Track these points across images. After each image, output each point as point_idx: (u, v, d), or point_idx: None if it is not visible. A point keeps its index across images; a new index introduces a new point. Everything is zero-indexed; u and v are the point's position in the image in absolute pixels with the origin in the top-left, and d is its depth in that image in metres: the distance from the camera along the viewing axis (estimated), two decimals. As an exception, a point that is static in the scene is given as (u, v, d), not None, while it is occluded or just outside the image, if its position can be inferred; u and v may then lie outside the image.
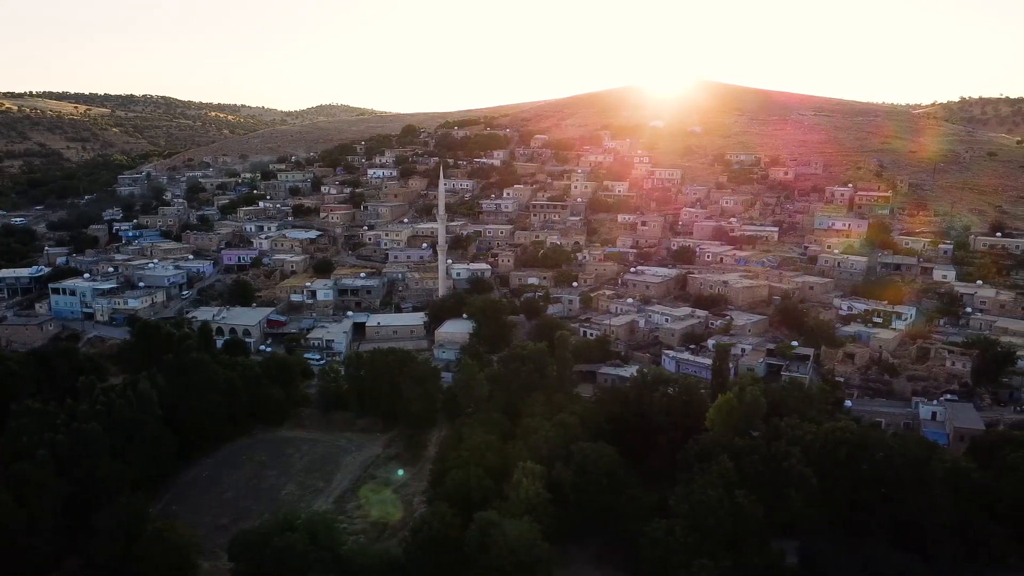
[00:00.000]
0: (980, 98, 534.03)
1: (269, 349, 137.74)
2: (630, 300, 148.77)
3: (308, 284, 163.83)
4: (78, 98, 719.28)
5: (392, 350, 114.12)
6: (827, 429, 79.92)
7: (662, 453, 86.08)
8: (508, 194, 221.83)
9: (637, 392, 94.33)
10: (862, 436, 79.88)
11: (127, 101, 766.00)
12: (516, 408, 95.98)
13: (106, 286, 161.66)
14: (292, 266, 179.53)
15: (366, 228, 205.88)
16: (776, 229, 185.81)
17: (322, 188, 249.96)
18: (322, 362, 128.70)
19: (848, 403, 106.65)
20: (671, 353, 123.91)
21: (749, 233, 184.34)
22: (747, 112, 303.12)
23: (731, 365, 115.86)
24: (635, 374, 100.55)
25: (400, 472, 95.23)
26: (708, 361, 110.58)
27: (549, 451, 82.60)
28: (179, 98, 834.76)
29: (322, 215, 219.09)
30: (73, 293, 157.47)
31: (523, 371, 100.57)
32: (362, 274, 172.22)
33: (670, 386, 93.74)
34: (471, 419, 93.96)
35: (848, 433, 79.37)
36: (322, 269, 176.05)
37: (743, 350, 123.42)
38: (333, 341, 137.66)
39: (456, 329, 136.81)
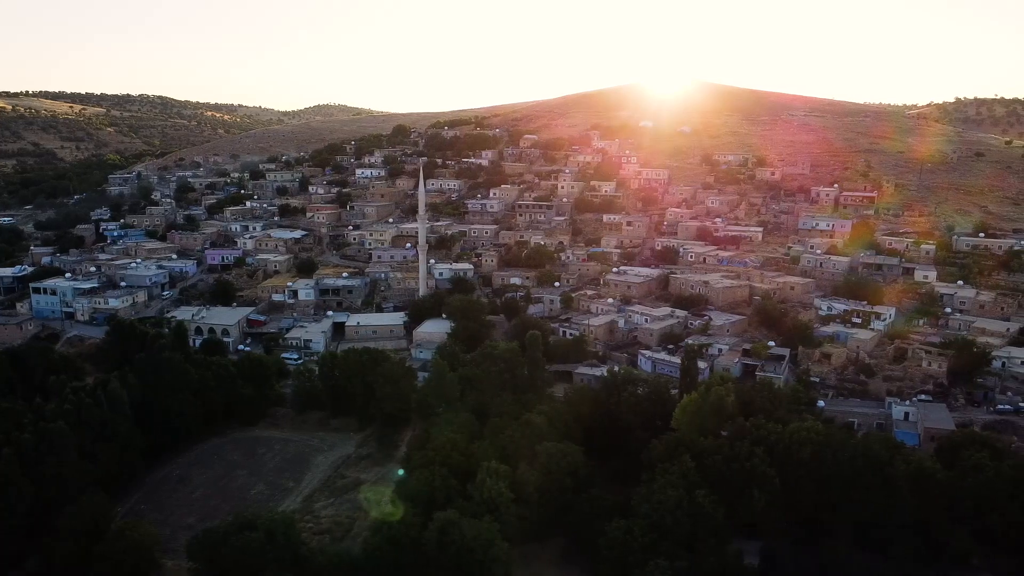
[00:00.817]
0: (975, 99, 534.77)
1: (248, 349, 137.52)
2: (610, 300, 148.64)
3: (290, 284, 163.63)
4: (74, 98, 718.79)
5: (366, 349, 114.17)
6: (792, 429, 79.89)
7: (630, 453, 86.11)
8: (494, 194, 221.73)
9: (607, 392, 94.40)
10: (826, 436, 79.89)
11: (123, 101, 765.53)
12: (487, 408, 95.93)
13: (87, 285, 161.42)
14: (275, 266, 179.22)
15: (351, 228, 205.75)
16: (760, 229, 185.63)
17: (310, 188, 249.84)
18: (299, 362, 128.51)
19: (821, 403, 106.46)
20: (647, 353, 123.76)
21: (733, 233, 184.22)
22: (741, 113, 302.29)
23: (707, 365, 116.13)
24: (605, 374, 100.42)
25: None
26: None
27: (515, 451, 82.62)
28: (176, 98, 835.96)
29: (308, 215, 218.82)
30: (54, 293, 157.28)
31: (494, 371, 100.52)
32: (345, 274, 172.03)
33: (639, 386, 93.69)
34: (439, 419, 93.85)
35: (813, 433, 79.42)
36: (305, 269, 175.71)
37: (720, 350, 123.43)
38: (311, 341, 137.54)
39: (435, 329, 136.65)
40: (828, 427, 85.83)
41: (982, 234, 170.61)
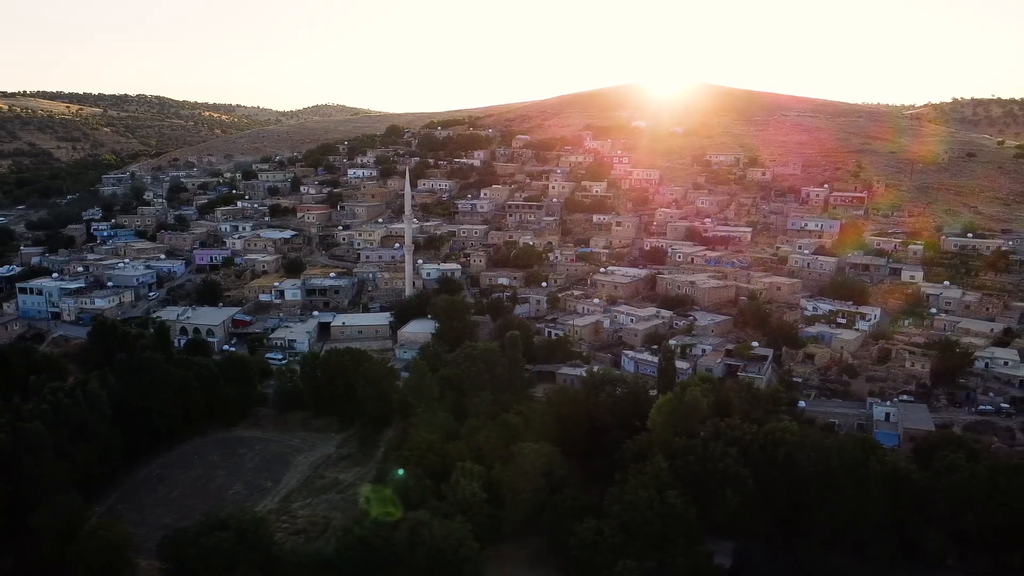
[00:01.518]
0: (972, 99, 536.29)
1: (233, 349, 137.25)
2: (597, 300, 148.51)
3: (277, 284, 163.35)
4: (72, 98, 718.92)
5: (348, 350, 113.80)
6: (767, 430, 79.75)
7: (608, 453, 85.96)
8: (485, 194, 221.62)
9: (586, 392, 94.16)
10: (802, 437, 79.69)
11: (120, 101, 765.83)
12: (466, 408, 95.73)
13: (73, 286, 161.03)
14: (263, 266, 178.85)
15: (341, 228, 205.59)
16: (749, 230, 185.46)
17: (301, 188, 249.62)
18: (283, 362, 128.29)
19: (802, 404, 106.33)
20: (630, 353, 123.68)
21: (722, 234, 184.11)
22: (737, 113, 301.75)
23: (690, 365, 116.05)
24: (583, 374, 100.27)
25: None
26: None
27: (490, 451, 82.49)
28: (174, 98, 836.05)
29: (299, 215, 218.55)
30: (40, 293, 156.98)
31: (474, 371, 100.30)
32: (332, 274, 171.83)
33: (618, 386, 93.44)
34: (418, 419, 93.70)
35: (787, 434, 79.25)
36: (292, 269, 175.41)
37: (703, 350, 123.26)
38: (296, 341, 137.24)
39: (420, 329, 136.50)
40: (804, 428, 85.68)
41: (970, 234, 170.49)
